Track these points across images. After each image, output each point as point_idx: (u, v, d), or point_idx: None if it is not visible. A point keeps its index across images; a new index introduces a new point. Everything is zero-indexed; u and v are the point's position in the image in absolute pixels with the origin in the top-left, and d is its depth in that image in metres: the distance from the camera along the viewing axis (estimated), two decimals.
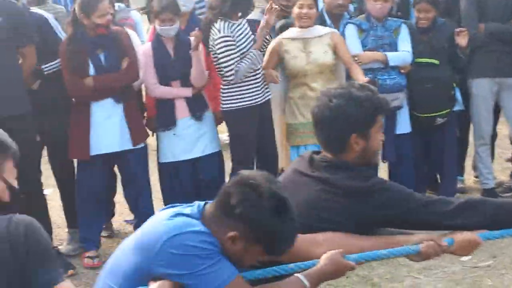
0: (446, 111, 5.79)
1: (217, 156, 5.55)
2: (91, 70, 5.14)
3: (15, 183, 2.11)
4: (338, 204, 2.56)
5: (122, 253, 2.37)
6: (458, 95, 5.93)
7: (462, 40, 5.75)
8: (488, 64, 5.84)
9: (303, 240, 2.44)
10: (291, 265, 2.39)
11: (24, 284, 1.88)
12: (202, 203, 2.37)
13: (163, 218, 2.31)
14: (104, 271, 2.40)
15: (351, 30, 5.68)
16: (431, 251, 2.57)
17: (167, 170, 5.47)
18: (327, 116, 2.65)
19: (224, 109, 5.51)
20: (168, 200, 5.33)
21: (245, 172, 2.34)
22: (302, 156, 2.81)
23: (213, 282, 2.20)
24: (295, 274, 2.34)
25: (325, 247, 2.44)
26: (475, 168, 6.34)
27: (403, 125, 5.78)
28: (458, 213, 2.61)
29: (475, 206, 2.65)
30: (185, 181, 5.42)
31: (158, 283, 2.20)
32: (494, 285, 4.49)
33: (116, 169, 5.54)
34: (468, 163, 6.54)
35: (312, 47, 5.49)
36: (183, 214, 2.31)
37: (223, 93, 5.48)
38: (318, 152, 2.76)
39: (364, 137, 2.66)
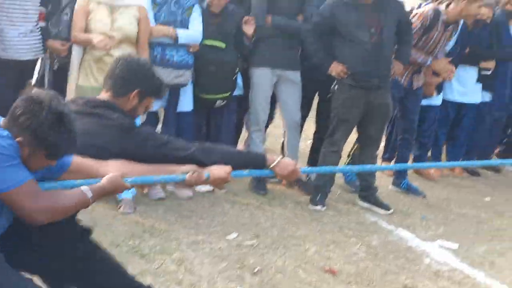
0: (227, 94, 6.00)
1: None
2: None
3: None
4: (110, 134, 3.01)
5: None
6: (240, 80, 6.17)
7: (248, 29, 5.98)
8: (270, 55, 6.08)
9: (93, 163, 2.90)
10: (79, 180, 2.81)
11: None
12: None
13: None
14: None
15: (146, 3, 5.65)
16: (193, 180, 3.04)
17: None
18: (131, 66, 3.21)
19: None
20: None
21: (34, 91, 2.69)
22: (72, 101, 3.20)
23: (7, 181, 2.51)
24: (80, 187, 2.75)
25: (110, 169, 2.86)
26: None
27: (185, 103, 5.88)
28: (198, 153, 3.14)
29: (210, 149, 3.19)
30: None
31: None
32: (256, 263, 4.74)
33: None
34: (240, 146, 6.84)
35: (119, 15, 5.36)
36: None
37: None
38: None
39: (140, 99, 3.20)
